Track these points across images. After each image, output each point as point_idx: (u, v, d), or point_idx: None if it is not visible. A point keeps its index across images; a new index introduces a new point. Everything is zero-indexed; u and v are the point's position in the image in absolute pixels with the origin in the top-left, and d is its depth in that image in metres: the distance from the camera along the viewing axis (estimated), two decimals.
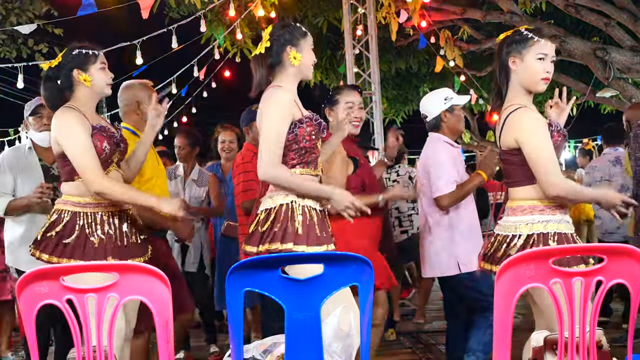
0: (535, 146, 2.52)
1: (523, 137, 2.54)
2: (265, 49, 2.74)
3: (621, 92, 8.32)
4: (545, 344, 2.24)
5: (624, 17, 7.74)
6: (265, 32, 2.80)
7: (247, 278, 1.93)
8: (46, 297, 1.91)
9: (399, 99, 13.33)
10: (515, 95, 2.66)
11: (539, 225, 2.53)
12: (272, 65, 2.77)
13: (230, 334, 2.01)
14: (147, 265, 1.95)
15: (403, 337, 5.64)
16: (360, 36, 7.99)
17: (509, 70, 2.66)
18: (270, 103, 2.70)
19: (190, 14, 8.48)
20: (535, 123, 2.55)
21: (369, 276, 1.99)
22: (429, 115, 3.74)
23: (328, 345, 2.11)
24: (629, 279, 1.90)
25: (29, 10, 8.19)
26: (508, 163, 2.63)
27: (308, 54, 2.81)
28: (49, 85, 2.90)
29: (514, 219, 2.59)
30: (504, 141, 2.62)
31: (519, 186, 2.61)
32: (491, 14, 8.70)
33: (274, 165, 2.65)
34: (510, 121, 2.58)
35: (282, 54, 2.75)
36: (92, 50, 2.89)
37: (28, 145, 3.71)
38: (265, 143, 2.67)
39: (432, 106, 3.74)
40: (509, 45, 2.66)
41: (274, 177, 2.67)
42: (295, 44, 2.76)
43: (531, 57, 2.63)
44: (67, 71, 2.85)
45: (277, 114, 2.67)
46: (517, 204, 2.61)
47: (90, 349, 1.94)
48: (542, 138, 2.54)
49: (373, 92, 7.67)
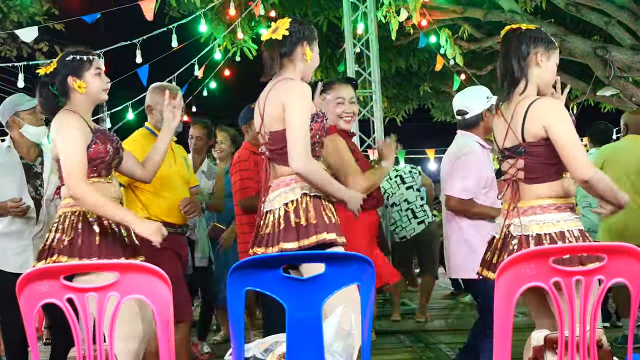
0: (566, 130, 2.44)
1: (552, 122, 2.45)
2: (282, 37, 2.75)
3: (621, 91, 8.32)
4: (545, 343, 2.24)
5: (624, 16, 7.74)
6: (283, 22, 2.81)
7: (248, 277, 1.93)
8: (46, 296, 1.91)
9: (400, 97, 13.31)
10: (530, 89, 2.59)
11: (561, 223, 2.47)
12: (283, 54, 2.78)
13: (231, 333, 2.01)
14: (148, 264, 1.95)
15: (403, 336, 5.64)
16: (361, 35, 7.98)
17: (531, 64, 2.59)
18: (296, 94, 2.70)
19: (190, 13, 8.49)
20: (563, 110, 2.49)
21: (370, 275, 1.99)
22: (470, 112, 3.52)
23: (329, 345, 2.11)
24: (629, 278, 1.90)
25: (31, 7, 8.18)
26: (533, 155, 2.51)
27: (315, 56, 2.86)
28: (44, 91, 2.88)
29: (534, 218, 2.50)
30: (529, 131, 2.50)
31: (542, 182, 2.51)
32: (491, 13, 8.70)
33: (309, 156, 2.66)
34: (535, 109, 2.49)
35: (296, 47, 2.78)
36: (86, 55, 2.87)
37: (7, 144, 3.65)
38: (298, 134, 2.66)
39: (475, 103, 3.53)
40: (535, 40, 2.59)
41: (312, 170, 2.66)
42: (309, 42, 2.81)
43: (553, 60, 2.64)
44: (62, 77, 2.83)
45: (305, 106, 2.70)
46: (538, 203, 2.51)
47: (91, 348, 1.94)
48: (570, 125, 2.47)
49: (373, 91, 7.66)
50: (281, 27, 2.77)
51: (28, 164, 3.66)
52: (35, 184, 3.63)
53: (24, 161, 3.64)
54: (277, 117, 2.73)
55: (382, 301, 7.14)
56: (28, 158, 3.67)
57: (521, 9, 8.51)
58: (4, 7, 8.24)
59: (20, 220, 3.54)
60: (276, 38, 2.76)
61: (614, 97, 9.71)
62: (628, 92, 8.06)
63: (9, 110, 3.64)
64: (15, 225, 3.55)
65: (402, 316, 6.52)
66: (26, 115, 3.61)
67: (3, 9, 8.26)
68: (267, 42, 2.81)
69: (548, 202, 2.49)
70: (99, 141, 2.80)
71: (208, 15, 8.82)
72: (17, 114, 3.62)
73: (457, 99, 3.67)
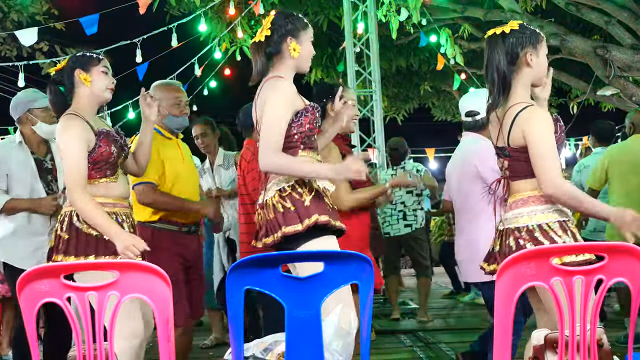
0: (538, 141, 2.47)
1: (530, 132, 2.48)
2: (265, 37, 2.76)
3: (622, 91, 8.31)
4: (545, 343, 2.24)
5: (624, 16, 7.73)
6: (267, 20, 2.81)
7: (248, 276, 1.93)
8: (47, 295, 1.92)
9: (400, 97, 13.31)
10: (522, 92, 2.61)
11: (541, 216, 2.49)
12: (270, 54, 2.79)
13: (231, 333, 2.01)
14: (148, 263, 1.95)
15: (403, 336, 5.64)
16: (361, 34, 7.98)
17: (521, 66, 2.59)
18: (275, 93, 2.72)
19: (190, 12, 8.49)
20: (545, 121, 2.51)
21: (369, 274, 1.99)
22: (482, 112, 3.39)
23: (328, 344, 2.11)
24: (629, 277, 1.90)
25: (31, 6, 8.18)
26: (515, 160, 2.57)
27: (307, 46, 2.83)
28: (54, 88, 2.93)
29: (517, 211, 2.55)
30: (513, 139, 2.55)
31: (523, 179, 2.55)
32: (492, 12, 8.69)
33: (275, 153, 2.68)
34: (521, 118, 2.52)
35: (282, 44, 2.78)
36: (95, 54, 2.94)
37: (18, 140, 3.64)
38: (268, 132, 2.70)
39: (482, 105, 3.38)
40: (521, 40, 2.59)
41: (277, 165, 2.69)
42: (295, 36, 2.78)
43: (543, 53, 2.63)
44: (70, 71, 2.89)
45: (282, 104, 2.71)
46: (519, 197, 2.56)
47: (91, 348, 1.94)
48: (546, 136, 2.49)
49: (374, 90, 7.66)
50: (264, 26, 2.79)
51: (39, 159, 3.66)
52: (47, 179, 3.64)
53: (34, 156, 3.65)
54: (262, 115, 2.77)
55: (382, 300, 7.13)
56: (39, 153, 3.68)
57: (521, 9, 8.51)
58: (4, 7, 8.25)
59: (37, 218, 3.54)
60: (259, 40, 2.77)
61: (614, 96, 9.70)
62: (628, 91, 8.05)
63: (23, 106, 3.64)
64: (32, 223, 3.55)
65: (402, 315, 6.52)
66: (39, 112, 3.61)
67: (3, 9, 8.27)
68: (253, 44, 2.82)
69: (528, 195, 2.54)
70: (102, 144, 2.83)
71: (208, 14, 8.82)
72: (31, 110, 3.62)
73: (467, 100, 3.65)
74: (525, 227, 2.50)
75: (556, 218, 2.50)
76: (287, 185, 2.73)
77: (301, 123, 2.74)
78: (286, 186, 2.73)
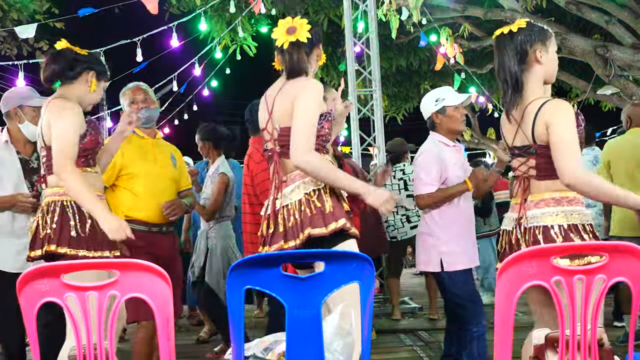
0: (560, 131, 2.44)
1: (554, 123, 2.46)
2: (307, 40, 2.84)
3: (622, 90, 8.33)
4: (546, 342, 2.24)
5: (624, 15, 7.74)
6: (303, 23, 2.85)
7: (248, 276, 1.92)
8: (47, 294, 1.91)
9: (400, 96, 13.33)
10: (537, 89, 2.60)
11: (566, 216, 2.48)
12: (307, 55, 2.86)
13: (231, 332, 2.00)
14: (148, 262, 1.95)
15: (404, 335, 5.64)
16: (361, 33, 7.98)
17: (532, 63, 2.59)
18: (308, 91, 2.75)
19: (190, 11, 8.49)
20: (570, 114, 2.49)
21: (370, 274, 1.98)
22: (425, 115, 3.81)
23: (329, 343, 2.11)
24: (630, 277, 1.90)
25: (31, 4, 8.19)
26: (543, 157, 2.53)
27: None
28: (62, 59, 2.95)
29: (540, 210, 2.52)
30: (538, 135, 2.52)
31: (550, 179, 2.52)
32: (492, 12, 8.70)
33: (310, 150, 2.69)
34: (545, 111, 2.50)
35: (314, 49, 2.88)
36: (108, 72, 3.08)
37: (4, 139, 3.58)
38: (302, 129, 2.71)
39: (426, 107, 3.79)
40: (529, 38, 2.58)
41: (312, 163, 2.69)
42: (320, 47, 2.92)
43: (552, 49, 2.63)
44: (83, 66, 2.96)
45: (316, 103, 2.75)
46: (548, 196, 2.53)
47: (91, 347, 1.94)
48: (567, 127, 2.46)
49: (374, 90, 7.66)
50: (304, 28, 2.83)
51: (25, 159, 3.60)
52: (32, 179, 3.57)
53: (20, 156, 3.59)
54: (290, 112, 2.77)
55: (382, 300, 7.14)
56: (24, 153, 3.61)
57: (522, 8, 8.51)
58: (4, 5, 8.25)
59: (22, 218, 3.49)
60: (302, 40, 2.83)
61: (614, 95, 9.72)
62: (628, 90, 8.06)
63: (15, 101, 3.58)
64: (17, 223, 3.50)
65: (402, 315, 6.52)
66: (30, 111, 3.56)
67: (4, 7, 8.27)
68: (292, 43, 2.84)
69: (554, 195, 2.52)
70: (93, 131, 2.91)
71: (208, 12, 8.83)
72: (22, 107, 3.56)
73: (420, 105, 3.93)
74: (548, 226, 2.48)
75: (579, 220, 2.48)
76: (315, 188, 2.73)
77: (322, 126, 2.78)
78: (314, 189, 2.73)
